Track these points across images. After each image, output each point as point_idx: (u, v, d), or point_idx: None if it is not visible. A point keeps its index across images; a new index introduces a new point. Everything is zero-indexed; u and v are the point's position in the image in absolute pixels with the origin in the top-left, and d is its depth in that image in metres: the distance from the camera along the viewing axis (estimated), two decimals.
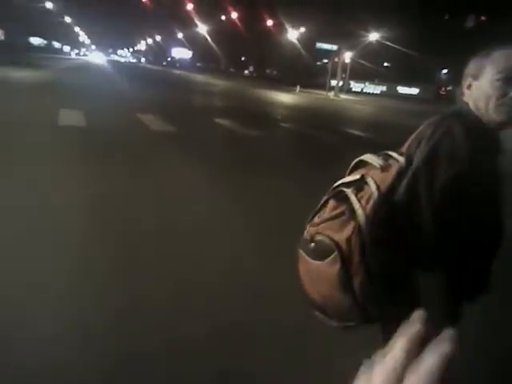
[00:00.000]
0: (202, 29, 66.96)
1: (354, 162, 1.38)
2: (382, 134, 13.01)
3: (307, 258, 1.27)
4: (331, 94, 37.39)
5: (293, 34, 46.34)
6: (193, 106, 15.58)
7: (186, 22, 70.45)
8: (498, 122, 1.31)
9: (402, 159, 1.28)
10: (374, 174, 1.28)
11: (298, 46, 49.08)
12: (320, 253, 1.23)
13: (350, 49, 39.76)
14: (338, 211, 1.26)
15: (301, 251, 1.30)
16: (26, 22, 63.43)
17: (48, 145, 6.73)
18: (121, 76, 31.48)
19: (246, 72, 77.92)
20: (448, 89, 56.07)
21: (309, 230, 1.32)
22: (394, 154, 1.31)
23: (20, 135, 7.04)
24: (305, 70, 54.26)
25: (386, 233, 1.19)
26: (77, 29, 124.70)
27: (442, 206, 1.21)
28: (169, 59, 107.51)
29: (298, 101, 27.17)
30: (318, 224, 1.29)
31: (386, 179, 1.24)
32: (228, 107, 16.94)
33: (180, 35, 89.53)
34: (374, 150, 1.39)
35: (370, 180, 1.25)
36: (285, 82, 45.25)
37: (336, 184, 1.34)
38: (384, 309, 1.27)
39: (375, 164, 1.28)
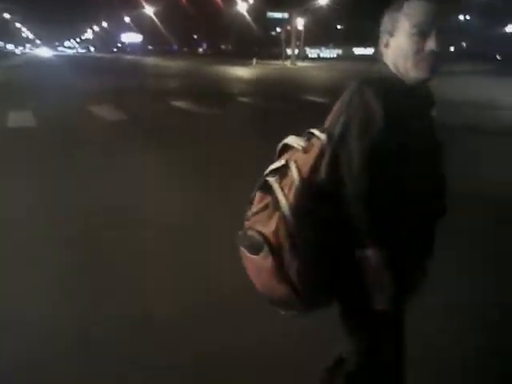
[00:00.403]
0: (149, 10, 64.74)
1: (279, 147, 1.33)
2: (335, 97, 13.04)
3: (246, 252, 1.25)
4: (288, 63, 37.14)
5: (242, 6, 45.40)
6: (146, 91, 15.12)
7: (131, 5, 67.97)
8: (418, 79, 1.23)
9: (323, 136, 1.22)
10: (298, 156, 1.23)
11: (249, 17, 48.19)
12: (254, 247, 1.21)
13: (301, 15, 39.32)
14: (264, 203, 1.23)
15: (240, 247, 1.28)
16: None
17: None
18: (69, 68, 30.28)
19: (200, 50, 76.29)
20: None
21: (244, 226, 1.29)
22: (316, 132, 1.25)
23: None
24: (259, 42, 53.56)
25: (312, 218, 1.16)
26: (18, 25, 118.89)
27: (365, 179, 1.15)
28: (119, 45, 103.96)
29: (255, 73, 26.84)
30: (249, 218, 1.26)
31: (307, 162, 1.20)
32: (183, 88, 16.58)
33: (127, 19, 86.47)
34: (328, 112, 1.35)
35: (291, 165, 1.20)
36: (241, 56, 44.54)
37: (265, 172, 1.29)
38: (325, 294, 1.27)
39: (297, 146, 1.24)
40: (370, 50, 53.86)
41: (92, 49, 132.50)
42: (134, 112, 9.87)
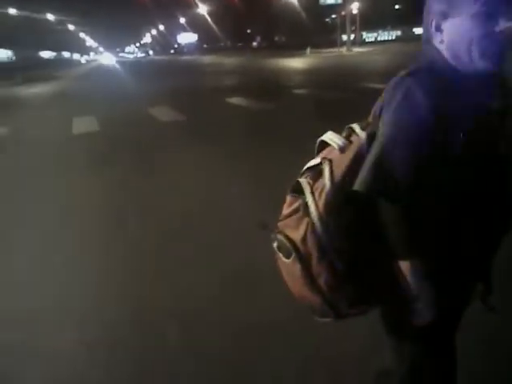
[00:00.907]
0: (203, 9, 65.83)
1: (317, 143, 1.20)
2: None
3: (279, 254, 1.17)
4: (344, 50, 36.17)
5: None
6: (203, 90, 15.36)
7: (185, 6, 69.44)
8: (485, 69, 1.01)
9: (363, 134, 1.08)
10: (334, 156, 1.11)
11: (300, 6, 47.44)
12: (284, 251, 1.13)
13: None
14: (294, 206, 1.13)
15: (274, 246, 1.20)
16: (31, 37, 64.40)
17: (62, 153, 6.82)
18: (129, 73, 31.53)
19: (254, 44, 76.50)
20: None
21: (277, 225, 1.19)
22: (357, 128, 1.11)
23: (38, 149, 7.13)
24: (313, 30, 52.54)
25: (344, 227, 1.05)
26: (82, 35, 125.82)
27: (407, 185, 1.00)
28: (176, 46, 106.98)
29: (310, 63, 26.40)
30: (280, 220, 1.17)
31: (342, 163, 1.07)
32: (239, 84, 16.63)
33: (182, 20, 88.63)
34: None
35: (325, 167, 1.09)
36: (295, 46, 44.04)
37: (303, 169, 1.19)
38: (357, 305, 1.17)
39: (333, 144, 1.12)
40: None
41: (151, 52, 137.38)
42: (191, 112, 10.01)
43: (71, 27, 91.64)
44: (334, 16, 47.75)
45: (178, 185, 4.95)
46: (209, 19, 69.63)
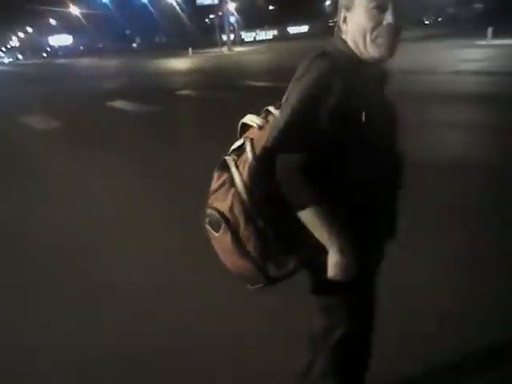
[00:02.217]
0: (74, 10, 61.90)
1: (238, 126, 1.35)
2: (279, 80, 13.13)
3: (210, 231, 1.26)
4: (225, 50, 36.83)
5: None
6: (82, 94, 14.60)
7: (56, 6, 64.63)
8: (376, 57, 1.17)
9: (277, 113, 1.23)
10: (253, 134, 1.25)
11: (178, 7, 47.20)
12: (214, 225, 1.23)
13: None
14: (221, 180, 1.24)
15: (205, 226, 1.29)
16: None
17: None
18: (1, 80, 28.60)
19: (134, 45, 74.22)
20: (335, 20, 57.40)
21: (206, 204, 1.30)
22: (272, 109, 1.27)
23: None
24: (193, 31, 52.63)
25: (264, 193, 1.16)
26: None
27: (316, 155, 1.11)
28: (48, 50, 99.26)
29: (192, 63, 26.46)
30: (209, 197, 1.28)
31: (262, 138, 1.20)
32: (121, 87, 16.08)
33: (53, 21, 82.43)
34: (272, 95, 1.37)
35: (247, 144, 1.22)
36: (176, 47, 43.70)
37: (228, 153, 1.31)
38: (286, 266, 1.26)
39: (253, 124, 1.26)
40: (304, 28, 54.38)
41: (20, 56, 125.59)
42: (69, 118, 9.51)
43: None
44: (212, 16, 48.27)
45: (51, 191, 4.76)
46: (83, 20, 65.70)
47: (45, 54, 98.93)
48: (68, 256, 3.24)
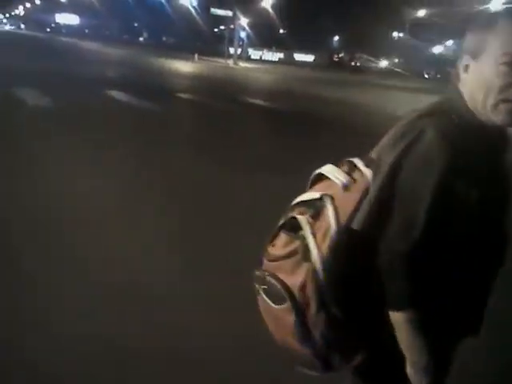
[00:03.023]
0: None
1: (313, 175, 1.11)
2: (278, 102, 13.18)
3: (263, 296, 1.05)
4: (230, 62, 37.03)
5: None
6: (79, 76, 14.32)
7: None
8: (497, 122, 0.98)
9: (368, 173, 1.01)
10: (335, 193, 1.02)
11: (193, 11, 47.49)
12: (273, 296, 1.01)
13: (244, 15, 39.42)
14: (290, 248, 1.00)
15: (256, 285, 1.07)
16: None
17: None
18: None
19: (141, 39, 73.96)
20: (340, 55, 58.80)
21: (263, 263, 1.07)
22: (361, 165, 1.04)
23: None
24: (202, 37, 52.93)
25: (348, 276, 0.98)
26: None
27: (414, 235, 0.95)
28: (53, 25, 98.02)
29: (197, 69, 26.47)
30: (271, 260, 1.04)
31: (348, 203, 0.99)
32: (119, 78, 15.90)
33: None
34: (272, 118, 1.17)
35: (328, 205, 0.99)
36: (182, 50, 43.75)
37: (294, 202, 1.08)
38: (350, 356, 1.08)
39: (336, 180, 1.03)
40: (310, 57, 55.40)
41: (22, 26, 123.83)
42: (66, 99, 9.27)
43: None
44: (222, 27, 48.73)
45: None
46: (95, 3, 65.25)
47: (48, 29, 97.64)
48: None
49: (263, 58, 54.29)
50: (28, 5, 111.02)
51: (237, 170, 5.25)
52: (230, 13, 41.17)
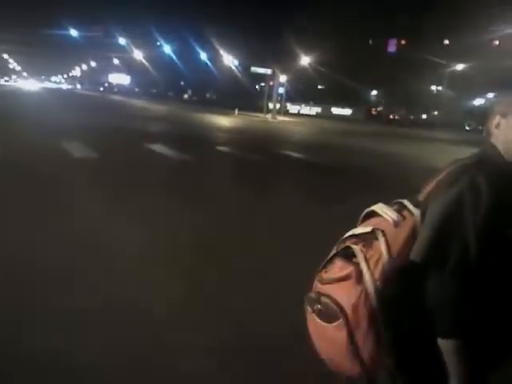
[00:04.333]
0: (138, 55, 66.27)
1: (365, 212, 1.27)
2: (315, 155, 13.37)
3: (314, 317, 1.17)
4: (269, 117, 38.14)
5: (228, 59, 47.08)
6: (125, 131, 15.21)
7: (120, 48, 69.51)
8: None
9: (417, 213, 1.15)
10: (387, 228, 1.15)
11: (235, 70, 49.98)
12: (326, 315, 1.13)
13: (283, 72, 40.97)
14: (345, 272, 1.14)
15: (307, 307, 1.19)
16: None
17: None
18: (55, 103, 30.26)
19: (186, 96, 77.95)
20: (379, 109, 59.29)
21: (316, 287, 1.21)
22: (409, 205, 1.18)
23: None
24: (242, 94, 55.24)
25: (398, 300, 1.09)
26: (5, 56, 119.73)
27: (462, 271, 1.06)
28: (106, 85, 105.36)
29: (236, 124, 27.41)
30: (325, 283, 1.18)
31: (398, 238, 1.12)
32: (161, 132, 16.73)
33: (116, 61, 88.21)
34: (308, 170, 1.29)
35: (380, 237, 1.13)
36: (224, 106, 45.67)
37: (346, 235, 1.22)
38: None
39: (387, 217, 1.17)
40: (347, 111, 56.26)
41: (78, 86, 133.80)
42: (109, 152, 9.85)
43: None
44: (262, 84, 50.77)
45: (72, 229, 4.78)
46: (146, 64, 70.11)
47: (101, 88, 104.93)
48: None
49: (301, 112, 55.64)
50: (84, 67, 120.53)
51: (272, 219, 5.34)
52: (269, 71, 42.94)
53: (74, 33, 57.73)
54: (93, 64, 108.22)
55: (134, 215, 5.16)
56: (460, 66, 45.33)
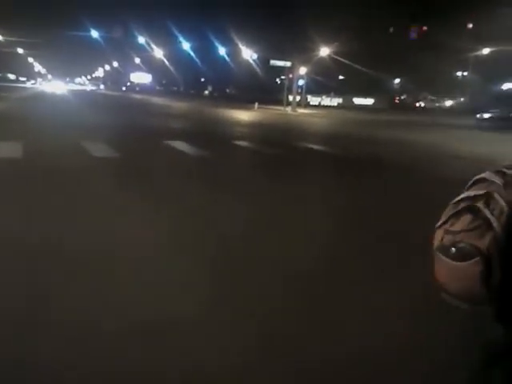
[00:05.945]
0: (159, 53, 66.97)
1: (473, 179, 1.37)
2: (335, 147, 13.26)
3: (448, 260, 1.32)
4: (289, 109, 37.99)
5: (247, 53, 47.04)
6: (146, 128, 15.43)
7: (141, 48, 70.36)
8: None
9: None
10: (498, 189, 1.30)
11: (253, 64, 49.92)
12: (461, 256, 1.29)
13: (302, 64, 40.65)
14: (475, 223, 1.29)
15: (438, 253, 1.34)
16: None
17: None
18: (78, 104, 30.93)
19: (206, 92, 78.46)
20: (402, 97, 58.20)
21: (445, 237, 1.34)
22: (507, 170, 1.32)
23: None
24: (262, 87, 55.13)
25: None
26: (31, 59, 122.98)
27: None
28: (128, 84, 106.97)
29: (255, 117, 27.39)
30: (456, 233, 1.32)
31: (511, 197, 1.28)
32: (181, 129, 16.88)
33: (137, 60, 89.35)
34: (329, 162, 1.31)
35: (496, 195, 1.28)
36: (244, 100, 45.72)
37: (458, 198, 1.35)
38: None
39: (497, 181, 1.30)
40: (369, 101, 55.46)
41: (102, 86, 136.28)
42: (125, 150, 10.02)
43: (20, 51, 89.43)
44: (282, 77, 50.57)
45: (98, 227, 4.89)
46: (166, 62, 70.84)
47: (124, 88, 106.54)
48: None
49: (322, 104, 55.16)
50: (107, 67, 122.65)
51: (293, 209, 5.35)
52: (288, 63, 42.70)
53: (95, 34, 58.74)
54: (115, 64, 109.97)
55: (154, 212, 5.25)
56: (486, 51, 43.98)
